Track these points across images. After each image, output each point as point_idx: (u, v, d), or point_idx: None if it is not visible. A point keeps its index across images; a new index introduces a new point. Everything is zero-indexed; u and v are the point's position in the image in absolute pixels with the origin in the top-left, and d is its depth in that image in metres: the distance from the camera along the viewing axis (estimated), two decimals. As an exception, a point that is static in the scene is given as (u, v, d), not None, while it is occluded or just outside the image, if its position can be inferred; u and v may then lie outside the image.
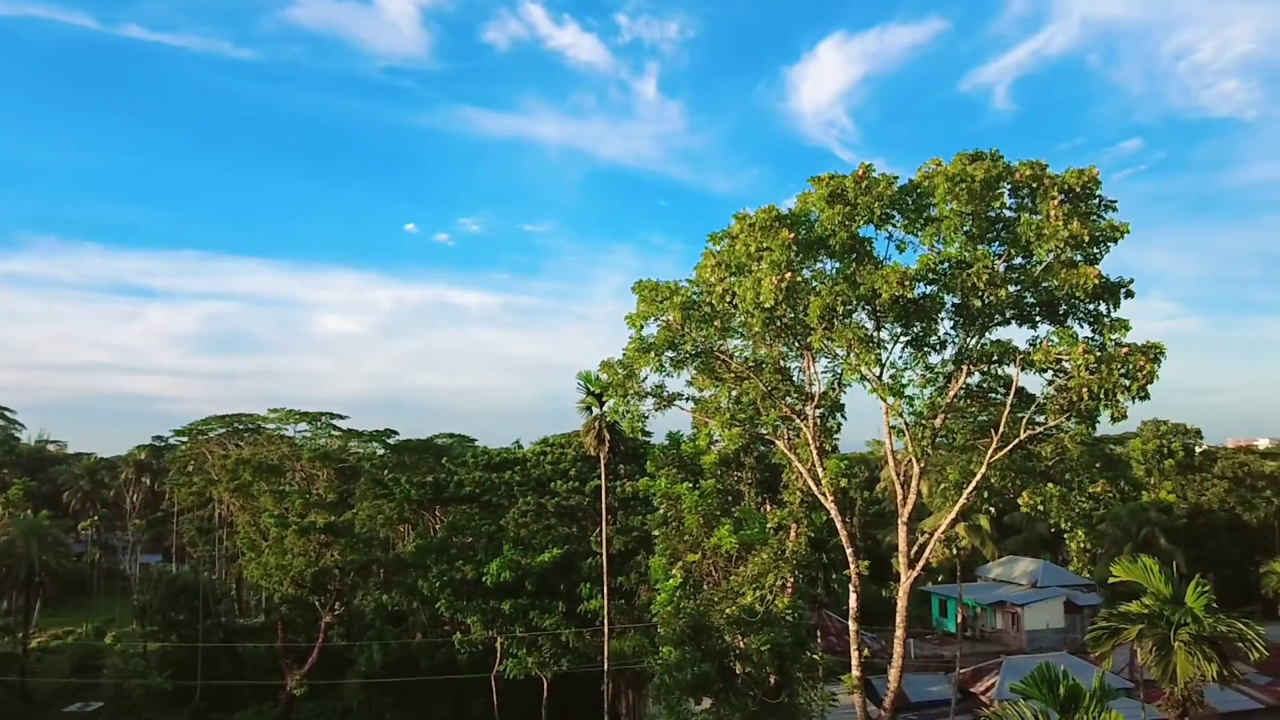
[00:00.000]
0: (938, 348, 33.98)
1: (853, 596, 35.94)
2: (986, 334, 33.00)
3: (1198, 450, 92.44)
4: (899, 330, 33.15)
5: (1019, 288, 31.07)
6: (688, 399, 38.80)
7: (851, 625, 36.24)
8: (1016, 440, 32.01)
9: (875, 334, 32.60)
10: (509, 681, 48.81)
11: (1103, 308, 30.73)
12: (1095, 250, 29.49)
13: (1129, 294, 30.30)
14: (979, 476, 32.95)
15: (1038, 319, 32.06)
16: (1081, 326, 31.22)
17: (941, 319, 32.91)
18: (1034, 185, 29.90)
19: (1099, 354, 28.84)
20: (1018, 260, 31.39)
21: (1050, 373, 30.96)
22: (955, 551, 65.67)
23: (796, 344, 35.52)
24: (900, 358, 34.05)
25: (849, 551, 36.19)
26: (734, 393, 37.43)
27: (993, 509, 63.89)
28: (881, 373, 32.91)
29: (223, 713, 57.53)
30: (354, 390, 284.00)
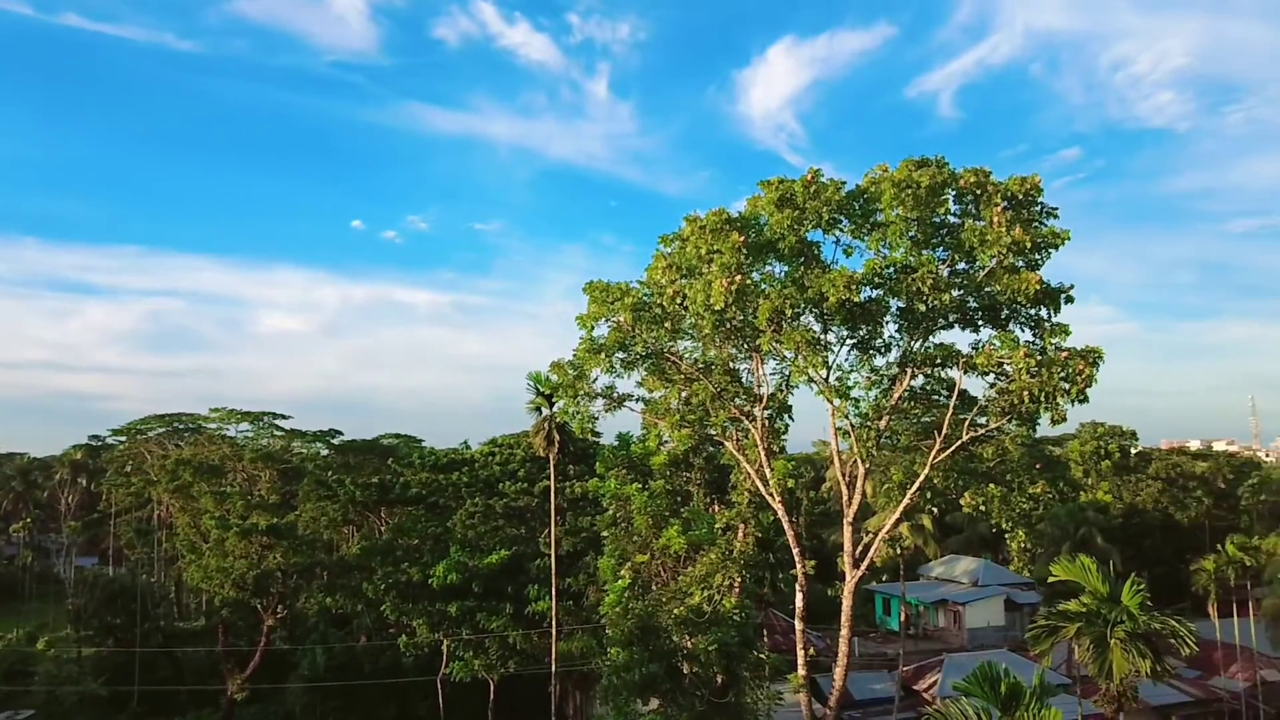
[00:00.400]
0: (883, 350, 34.53)
1: (799, 596, 36.34)
2: (930, 337, 33.57)
3: (1133, 452, 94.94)
4: (845, 333, 33.58)
5: (962, 292, 31.64)
6: (638, 400, 38.95)
7: (798, 624, 36.65)
8: (959, 442, 32.62)
9: (822, 337, 32.99)
10: (455, 684, 48.43)
11: (1043, 313, 31.41)
12: (1037, 256, 30.21)
13: (1069, 299, 31.02)
14: (922, 477, 33.52)
15: (980, 323, 32.66)
16: (1023, 331, 31.89)
17: (887, 322, 33.40)
18: (978, 192, 30.53)
19: (1039, 358, 29.51)
20: (961, 265, 32.01)
21: (992, 376, 31.57)
22: (899, 551, 66.64)
23: (746, 346, 35.83)
24: (846, 360, 34.61)
25: (795, 551, 36.60)
26: (684, 394, 37.64)
27: (935, 509, 65.28)
28: (828, 375, 33.34)
29: (160, 718, 56.28)
30: (299, 389, 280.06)
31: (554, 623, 44.99)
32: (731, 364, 37.41)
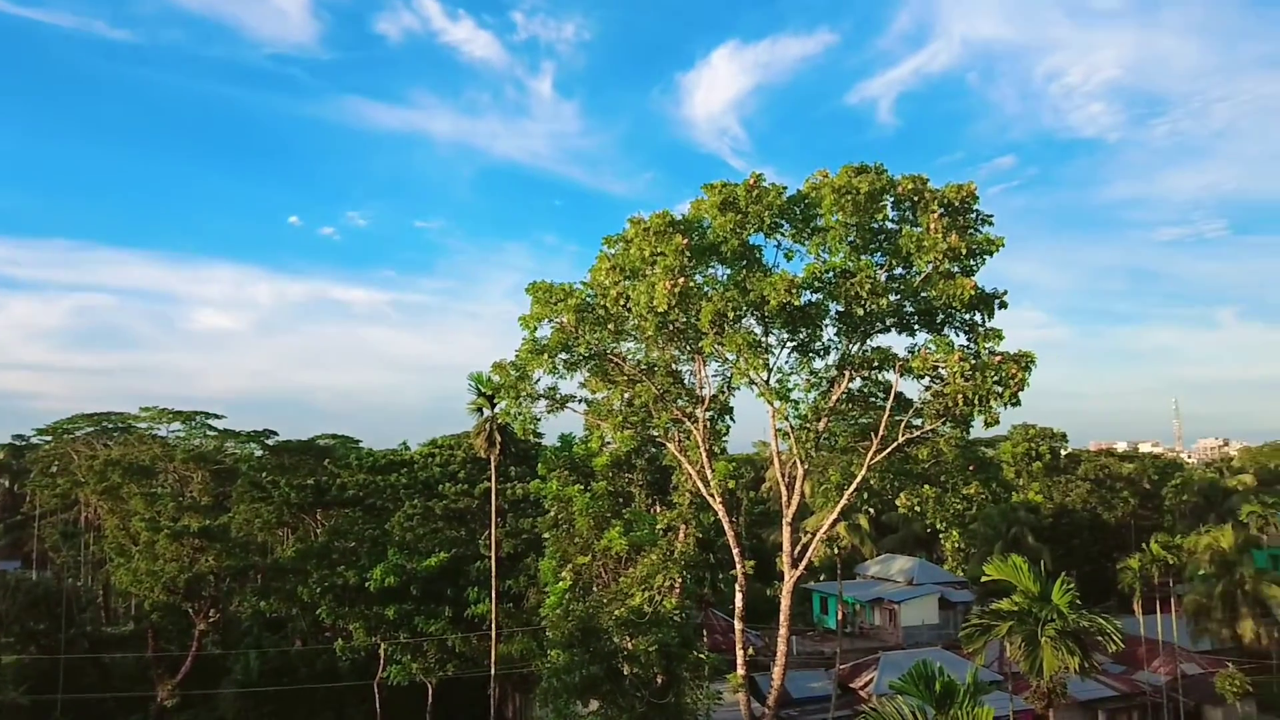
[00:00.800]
0: (822, 353, 34.99)
1: (738, 596, 36.65)
2: (868, 341, 34.11)
3: (1063, 453, 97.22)
4: (786, 336, 33.97)
5: (899, 297, 32.19)
6: (580, 401, 38.90)
7: (737, 624, 36.94)
8: (895, 443, 33.20)
9: (764, 339, 33.31)
10: (392, 688, 47.88)
11: (978, 317, 32.09)
12: (972, 263, 30.86)
13: (1003, 305, 31.74)
14: (859, 478, 34.05)
15: (917, 327, 33.25)
16: (958, 335, 32.54)
17: (826, 326, 33.83)
18: (915, 199, 31.12)
19: (974, 362, 30.15)
20: (899, 270, 32.57)
21: (927, 379, 32.15)
22: (836, 550, 67.54)
23: (688, 348, 36.05)
24: (787, 363, 34.99)
25: (735, 551, 36.90)
26: (626, 395, 37.72)
27: (872, 509, 66.29)
28: (769, 377, 33.68)
29: (86, 727, 54.64)
30: (232, 389, 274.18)
31: (494, 625, 44.73)
32: (674, 366, 37.60)
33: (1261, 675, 57.71)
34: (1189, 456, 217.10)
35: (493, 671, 44.49)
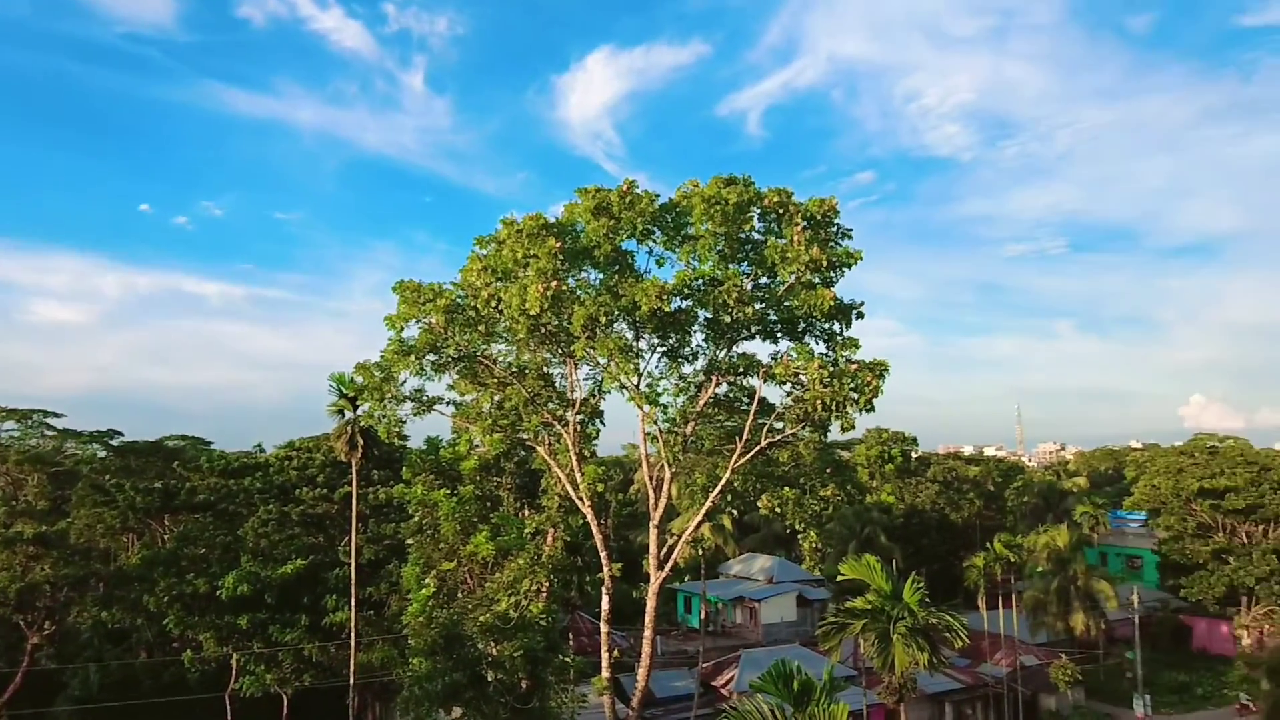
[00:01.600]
0: (691, 359, 35.70)
1: (605, 598, 36.89)
2: (734, 347, 35.01)
3: (914, 456, 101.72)
4: (657, 341, 34.46)
5: (764, 306, 33.13)
6: (448, 404, 38.42)
7: (603, 627, 37.17)
8: (758, 447, 34.13)
9: (635, 344, 33.69)
10: (245, 700, 46.02)
11: (836, 327, 33.32)
12: (832, 274, 32.04)
13: (860, 315, 33.03)
14: (724, 480, 34.86)
15: (780, 335, 34.28)
16: (818, 343, 33.69)
17: (695, 332, 34.57)
18: (780, 211, 32.07)
19: (832, 369, 31.24)
20: (764, 280, 33.55)
21: (789, 385, 33.16)
22: (700, 551, 68.69)
23: (560, 351, 36.08)
24: (657, 367, 35.55)
25: (603, 554, 37.14)
26: (496, 398, 37.47)
27: (736, 510, 67.74)
28: (639, 381, 34.06)
29: (-105, 753, 50.31)
30: (74, 385, 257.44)
31: (353, 633, 43.59)
32: (545, 369, 37.58)
33: (1090, 664, 62.00)
34: (1030, 460, 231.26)
35: (352, 681, 43.33)
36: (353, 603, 44.12)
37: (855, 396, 30.70)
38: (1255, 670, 47.93)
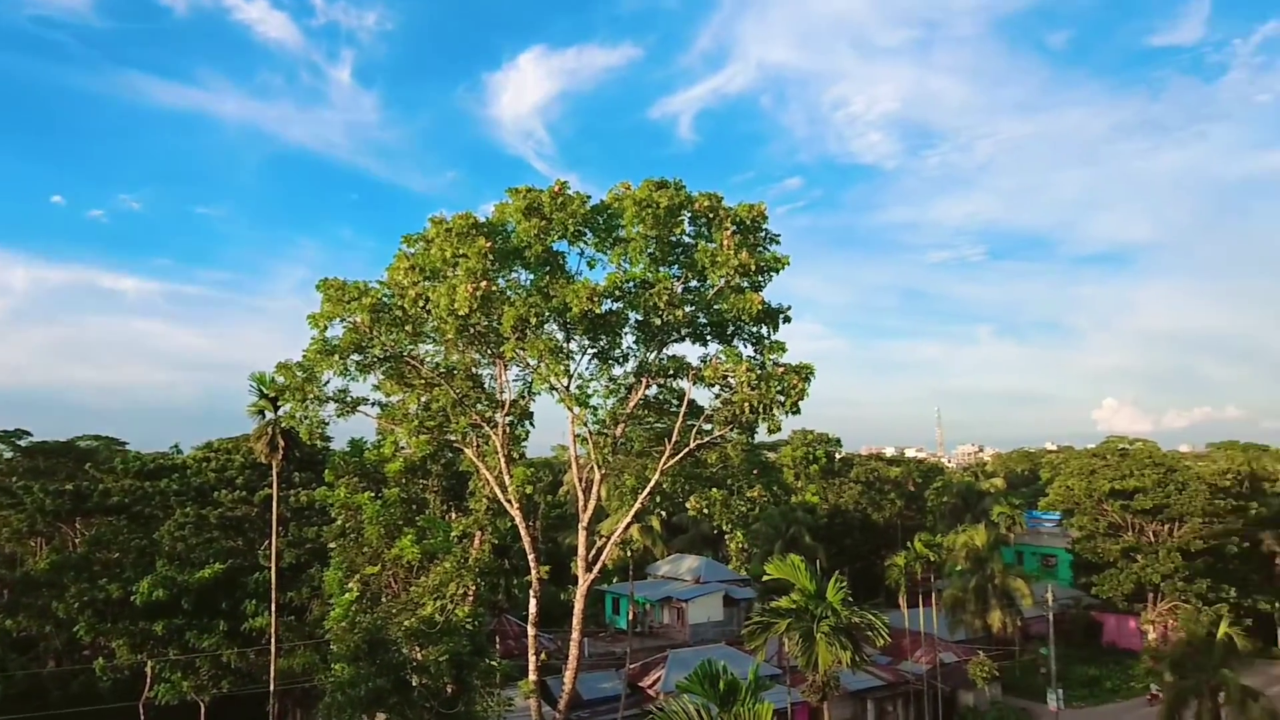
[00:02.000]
0: (621, 361, 35.71)
1: (533, 601, 36.69)
2: (664, 350, 35.13)
3: (838, 457, 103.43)
4: (587, 343, 34.41)
5: (694, 309, 33.31)
6: (373, 404, 37.76)
7: (530, 630, 36.96)
8: (687, 448, 34.32)
9: (565, 345, 33.60)
10: (160, 708, 44.64)
11: (764, 330, 33.68)
12: (760, 279, 32.36)
13: (787, 319, 33.45)
14: (653, 482, 34.97)
15: (709, 338, 34.50)
16: (746, 347, 34.01)
17: (626, 334, 34.59)
18: (711, 215, 32.29)
19: (759, 372, 31.58)
20: (694, 284, 33.73)
21: (718, 387, 33.42)
22: (629, 552, 68.84)
23: (489, 352, 35.78)
24: (587, 369, 35.46)
25: (531, 557, 36.93)
26: (423, 399, 36.99)
27: (664, 511, 68.01)
28: (569, 383, 33.98)
29: None
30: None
31: (274, 639, 42.58)
32: (474, 370, 37.21)
33: (1007, 661, 63.82)
34: (949, 461, 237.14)
35: (272, 687, 42.34)
36: (273, 607, 43.12)
37: (782, 399, 31.07)
38: (1159, 663, 49.93)
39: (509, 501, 36.17)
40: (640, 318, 33.22)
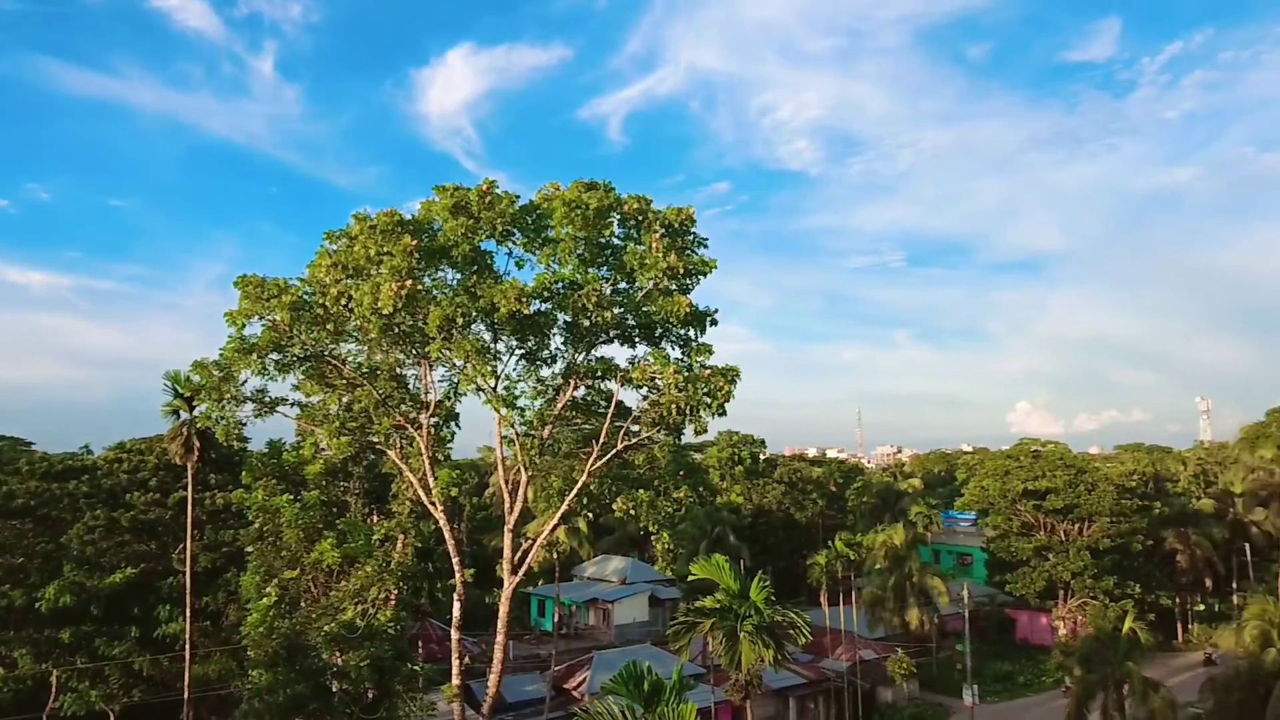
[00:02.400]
0: (549, 362, 35.57)
1: (456, 605, 36.31)
2: (593, 351, 35.09)
3: (762, 458, 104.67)
4: (515, 344, 34.18)
5: (623, 311, 33.34)
6: (293, 405, 36.93)
7: (454, 634, 36.57)
8: (615, 450, 34.34)
9: (492, 346, 33.32)
10: (66, 719, 43.00)
11: (691, 333, 33.89)
12: (688, 281, 32.60)
13: (713, 322, 33.73)
14: (581, 483, 34.90)
15: (637, 340, 34.61)
16: (673, 349, 34.13)
17: (554, 335, 34.47)
18: (640, 218, 32.40)
19: (687, 374, 31.75)
20: (623, 285, 33.77)
21: (646, 389, 33.47)
22: (555, 554, 68.67)
23: (414, 352, 35.27)
24: (515, 370, 35.21)
25: (455, 560, 36.54)
26: (345, 399, 36.30)
27: (591, 513, 68.03)
28: (496, 384, 33.71)
29: None
30: None
31: (188, 645, 41.41)
32: (398, 370, 36.65)
33: (924, 658, 65.31)
34: (869, 462, 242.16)
35: (186, 695, 41.17)
36: (188, 613, 41.92)
37: (708, 401, 31.28)
38: (1069, 658, 51.60)
39: (433, 504, 35.74)
40: (569, 319, 33.15)
